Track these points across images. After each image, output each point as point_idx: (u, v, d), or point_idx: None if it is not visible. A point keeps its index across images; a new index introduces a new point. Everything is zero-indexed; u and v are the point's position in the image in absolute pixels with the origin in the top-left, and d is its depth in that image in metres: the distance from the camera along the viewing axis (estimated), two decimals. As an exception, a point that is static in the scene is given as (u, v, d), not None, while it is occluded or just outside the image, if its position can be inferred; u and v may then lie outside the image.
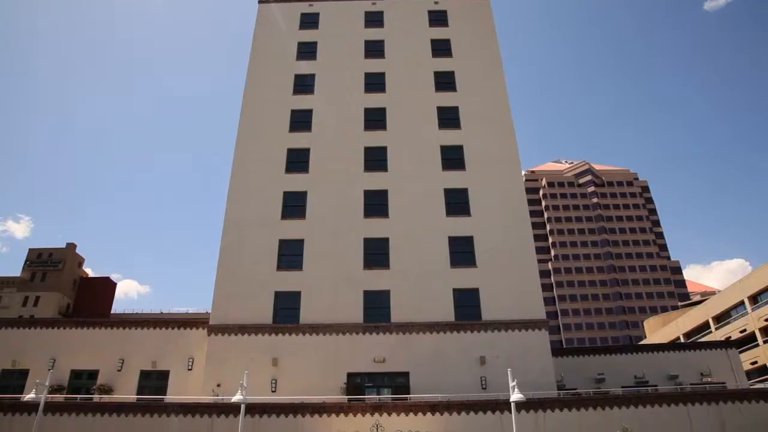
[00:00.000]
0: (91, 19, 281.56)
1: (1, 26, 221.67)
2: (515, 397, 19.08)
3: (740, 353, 39.40)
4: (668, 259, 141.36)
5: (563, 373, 31.77)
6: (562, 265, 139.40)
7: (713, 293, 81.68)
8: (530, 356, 27.72)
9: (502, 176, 33.81)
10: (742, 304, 55.25)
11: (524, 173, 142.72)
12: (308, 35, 40.36)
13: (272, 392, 26.78)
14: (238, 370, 24.91)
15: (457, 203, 32.91)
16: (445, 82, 37.97)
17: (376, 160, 34.59)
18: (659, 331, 70.74)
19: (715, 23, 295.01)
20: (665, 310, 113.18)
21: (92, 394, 27.77)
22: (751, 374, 50.53)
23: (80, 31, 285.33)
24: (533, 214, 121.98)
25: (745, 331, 54.01)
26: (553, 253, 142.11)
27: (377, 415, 22.43)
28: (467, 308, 29.59)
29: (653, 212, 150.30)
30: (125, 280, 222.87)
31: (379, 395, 27.20)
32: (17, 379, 28.88)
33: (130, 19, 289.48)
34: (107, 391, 27.99)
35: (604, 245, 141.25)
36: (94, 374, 28.98)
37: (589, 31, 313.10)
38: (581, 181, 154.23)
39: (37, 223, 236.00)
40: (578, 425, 22.49)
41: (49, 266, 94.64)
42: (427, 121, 36.14)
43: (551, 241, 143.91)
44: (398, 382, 27.82)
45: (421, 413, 22.61)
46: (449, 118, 36.29)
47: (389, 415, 22.50)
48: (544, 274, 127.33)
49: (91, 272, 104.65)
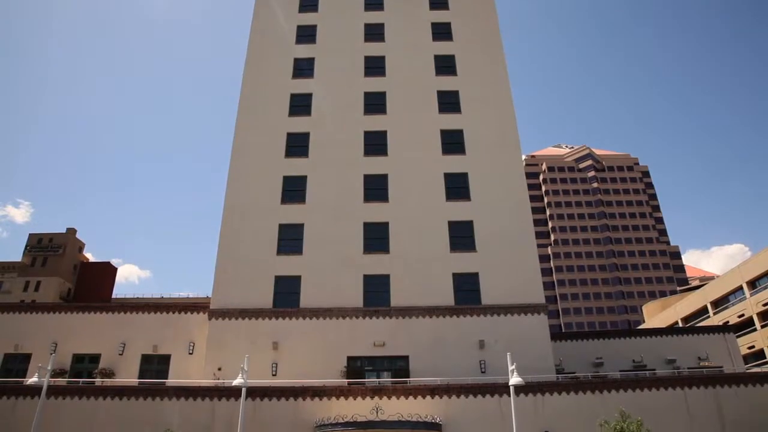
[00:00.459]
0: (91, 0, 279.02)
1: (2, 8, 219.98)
2: (514, 380, 19.19)
3: (737, 338, 39.59)
4: (668, 244, 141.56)
5: (562, 357, 32.01)
6: (561, 249, 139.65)
7: (712, 278, 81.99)
8: (529, 340, 27.86)
9: (502, 161, 33.73)
10: (740, 289, 55.43)
11: (524, 158, 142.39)
12: (307, 18, 39.96)
13: (273, 376, 26.99)
14: (238, 354, 25.07)
15: (457, 188, 32.89)
16: (445, 66, 37.70)
17: (376, 144, 34.49)
18: (658, 315, 71.02)
19: (716, 7, 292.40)
20: (664, 294, 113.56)
21: (94, 378, 27.98)
22: (747, 358, 50.88)
23: (80, 12, 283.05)
24: (533, 198, 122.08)
25: (743, 315, 54.27)
26: (552, 237, 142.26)
27: (377, 398, 22.64)
28: (467, 292, 29.71)
29: (653, 197, 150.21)
30: (126, 264, 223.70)
31: (378, 379, 27.43)
32: (20, 363, 29.13)
33: (127, 3, 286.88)
34: (109, 375, 28.20)
35: (603, 230, 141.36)
36: (95, 358, 29.22)
37: (590, 15, 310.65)
38: (581, 165, 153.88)
39: (36, 208, 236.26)
40: (576, 408, 22.73)
41: (49, 251, 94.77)
42: (427, 105, 35.95)
43: (551, 225, 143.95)
44: (398, 365, 28.04)
45: (420, 396, 22.83)
46: (449, 102, 36.10)
47: (389, 398, 22.72)
48: (543, 258, 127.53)
49: (91, 257, 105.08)
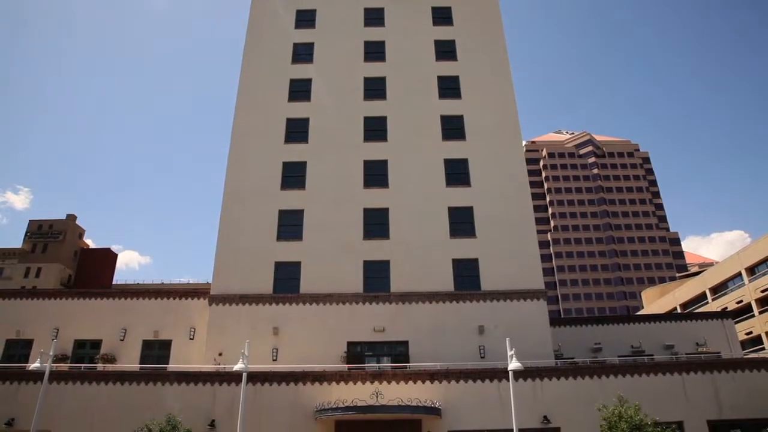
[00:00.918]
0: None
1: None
2: (513, 365, 19.30)
3: (736, 324, 39.79)
4: (667, 230, 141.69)
5: (561, 342, 32.16)
6: (561, 235, 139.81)
7: (711, 265, 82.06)
8: (529, 326, 27.98)
9: (502, 146, 33.62)
10: (739, 275, 55.64)
11: (525, 144, 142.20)
12: (307, 2, 39.49)
13: (273, 361, 27.14)
14: (239, 339, 25.13)
15: (457, 173, 32.81)
16: (445, 51, 37.40)
17: (375, 130, 34.35)
18: (656, 301, 71.33)
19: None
20: (663, 281, 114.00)
21: (96, 363, 28.16)
22: (745, 344, 51.19)
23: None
24: (533, 184, 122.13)
25: (741, 302, 54.51)
26: (552, 223, 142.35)
27: (377, 383, 22.79)
28: (466, 278, 29.79)
29: (653, 183, 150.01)
30: (126, 251, 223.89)
31: (378, 364, 27.58)
32: (22, 348, 29.28)
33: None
34: (110, 360, 28.37)
35: (603, 216, 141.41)
36: (97, 344, 29.36)
37: (591, 6, 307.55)
38: (582, 152, 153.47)
39: (36, 194, 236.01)
40: (575, 393, 22.89)
41: (49, 237, 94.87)
42: (427, 90, 35.74)
43: (551, 211, 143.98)
44: (398, 350, 28.19)
45: (420, 381, 22.97)
46: (450, 87, 35.89)
47: (389, 383, 22.86)
48: (543, 244, 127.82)
49: (91, 243, 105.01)
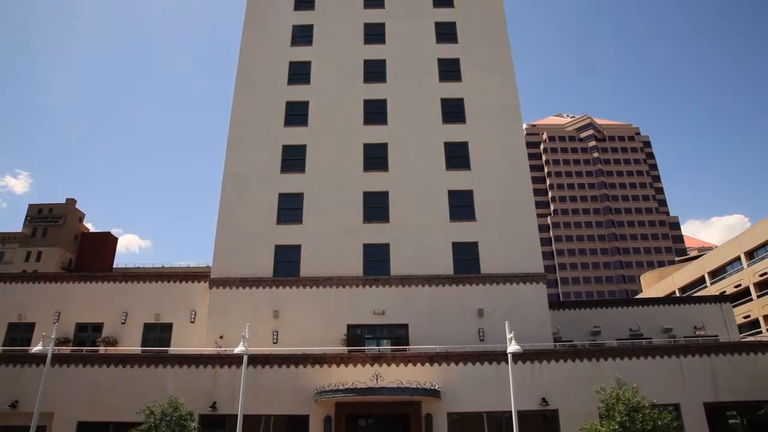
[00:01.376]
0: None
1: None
2: (512, 348, 19.42)
3: (734, 307, 39.97)
4: (667, 214, 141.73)
5: (560, 325, 32.30)
6: (561, 219, 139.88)
7: (711, 249, 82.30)
8: (528, 309, 28.10)
9: (502, 130, 33.46)
10: (738, 259, 55.74)
11: (525, 127, 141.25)
12: (306, -16, 39.06)
13: (274, 344, 27.30)
14: (239, 322, 25.26)
15: (457, 157, 32.70)
16: (446, 33, 37.05)
17: (375, 113, 34.16)
18: (655, 285, 71.57)
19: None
20: (662, 264, 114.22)
21: (97, 346, 28.33)
22: (743, 328, 51.50)
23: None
24: (533, 168, 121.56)
25: (739, 286, 54.69)
26: (552, 207, 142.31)
27: (377, 365, 22.95)
28: (466, 261, 29.85)
29: (654, 167, 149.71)
30: (126, 234, 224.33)
31: (378, 346, 27.77)
32: (24, 332, 29.47)
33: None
34: (112, 343, 28.55)
35: (603, 200, 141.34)
36: (98, 327, 29.53)
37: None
38: (582, 135, 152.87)
39: (35, 178, 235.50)
40: (574, 376, 23.04)
41: (49, 222, 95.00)
42: (427, 73, 35.48)
43: (551, 195, 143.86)
44: (397, 333, 28.35)
45: (420, 364, 23.13)
46: (450, 70, 35.62)
47: (389, 365, 23.03)
48: (543, 228, 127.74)
49: (92, 227, 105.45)
